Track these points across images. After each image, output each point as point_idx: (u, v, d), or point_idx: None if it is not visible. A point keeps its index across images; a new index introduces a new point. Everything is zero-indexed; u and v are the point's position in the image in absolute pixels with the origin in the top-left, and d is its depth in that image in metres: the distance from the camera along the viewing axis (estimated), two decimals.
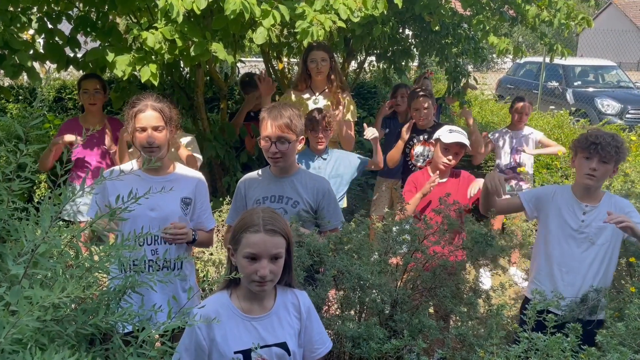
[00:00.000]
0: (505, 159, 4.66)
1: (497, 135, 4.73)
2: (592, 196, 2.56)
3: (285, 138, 2.36)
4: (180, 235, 2.29)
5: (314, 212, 2.48)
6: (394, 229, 2.41)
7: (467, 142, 3.14)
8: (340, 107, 3.61)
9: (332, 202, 2.51)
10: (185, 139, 3.49)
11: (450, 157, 3.13)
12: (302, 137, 2.46)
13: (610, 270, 2.55)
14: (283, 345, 1.69)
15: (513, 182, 4.63)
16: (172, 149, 3.25)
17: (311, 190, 2.46)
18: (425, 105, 3.85)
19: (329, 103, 3.76)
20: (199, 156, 3.53)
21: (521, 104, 4.68)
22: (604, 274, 2.52)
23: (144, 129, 2.29)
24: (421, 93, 3.91)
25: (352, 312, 2.23)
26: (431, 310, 2.42)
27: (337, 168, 3.33)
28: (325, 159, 3.33)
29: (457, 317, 2.26)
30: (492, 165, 5.07)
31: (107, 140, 3.41)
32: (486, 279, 3.96)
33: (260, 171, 2.59)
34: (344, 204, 3.55)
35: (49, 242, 1.18)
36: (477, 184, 3.08)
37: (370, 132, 3.35)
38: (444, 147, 3.14)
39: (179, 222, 2.36)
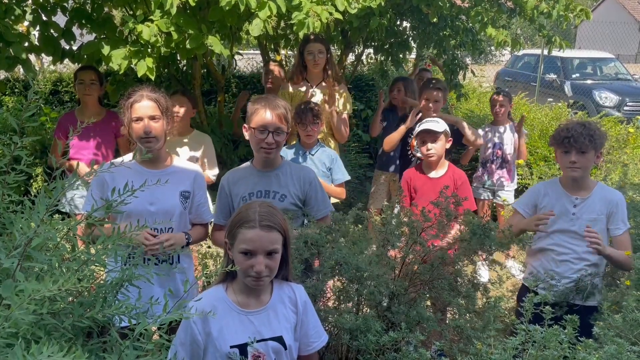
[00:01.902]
0: (487, 153, 4.64)
1: (480, 132, 4.70)
2: (582, 187, 2.59)
3: (282, 129, 2.32)
4: (155, 245, 2.17)
5: (302, 203, 2.45)
6: (392, 222, 2.41)
7: (437, 127, 3.10)
8: (335, 99, 3.60)
9: (319, 190, 2.47)
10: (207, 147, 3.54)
11: (429, 145, 3.10)
12: (290, 130, 2.41)
13: (603, 261, 2.57)
14: (279, 339, 1.68)
15: (495, 177, 4.62)
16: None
17: (297, 181, 2.43)
18: (438, 97, 3.76)
19: (325, 97, 3.75)
20: (214, 170, 3.54)
21: (493, 97, 4.62)
22: (597, 265, 2.55)
23: (140, 119, 2.27)
24: (437, 85, 3.82)
25: (350, 305, 2.23)
26: (428, 302, 2.43)
27: (323, 167, 3.33)
28: (312, 154, 3.32)
29: (455, 310, 2.26)
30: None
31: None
32: (484, 272, 3.96)
33: (241, 167, 2.53)
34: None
35: (42, 235, 1.17)
36: None
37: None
38: (419, 141, 3.16)
39: (180, 216, 2.36)
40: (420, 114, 3.83)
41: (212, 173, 3.49)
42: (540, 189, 2.71)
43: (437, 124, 3.14)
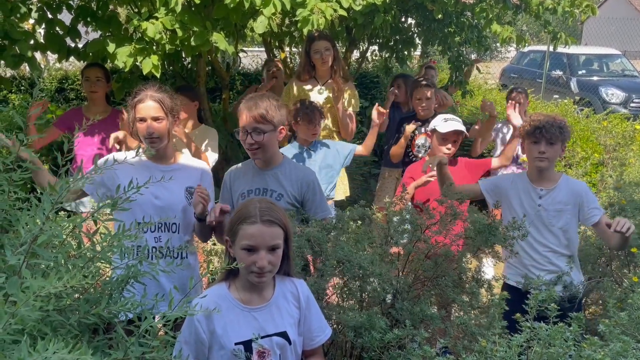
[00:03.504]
0: (502, 149, 4.62)
1: (497, 127, 4.69)
2: (547, 179, 2.64)
3: (260, 129, 2.30)
4: (205, 197, 2.24)
5: (300, 204, 2.44)
6: (394, 219, 2.40)
7: (463, 128, 3.11)
8: (342, 96, 3.59)
9: (317, 194, 2.46)
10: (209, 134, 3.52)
11: (449, 145, 3.10)
12: (281, 127, 2.38)
13: (573, 251, 2.62)
14: (283, 335, 1.69)
15: (510, 171, 4.61)
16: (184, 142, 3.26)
17: (295, 182, 2.42)
18: (428, 94, 3.81)
19: (330, 95, 3.74)
20: (214, 155, 3.51)
21: (512, 94, 4.63)
22: (569, 255, 2.60)
23: (143, 120, 2.29)
24: (424, 83, 3.87)
25: (353, 302, 2.23)
26: (433, 299, 2.42)
27: (326, 158, 3.31)
28: (313, 151, 3.32)
29: (459, 307, 2.25)
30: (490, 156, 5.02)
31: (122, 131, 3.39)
32: (488, 269, 3.96)
33: (244, 163, 2.55)
34: (337, 193, 3.54)
35: (47, 232, 1.18)
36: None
37: (377, 114, 3.41)
38: (441, 137, 3.12)
39: (183, 212, 2.36)
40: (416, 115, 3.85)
41: (211, 158, 3.48)
42: (509, 177, 2.83)
43: (461, 123, 3.14)
